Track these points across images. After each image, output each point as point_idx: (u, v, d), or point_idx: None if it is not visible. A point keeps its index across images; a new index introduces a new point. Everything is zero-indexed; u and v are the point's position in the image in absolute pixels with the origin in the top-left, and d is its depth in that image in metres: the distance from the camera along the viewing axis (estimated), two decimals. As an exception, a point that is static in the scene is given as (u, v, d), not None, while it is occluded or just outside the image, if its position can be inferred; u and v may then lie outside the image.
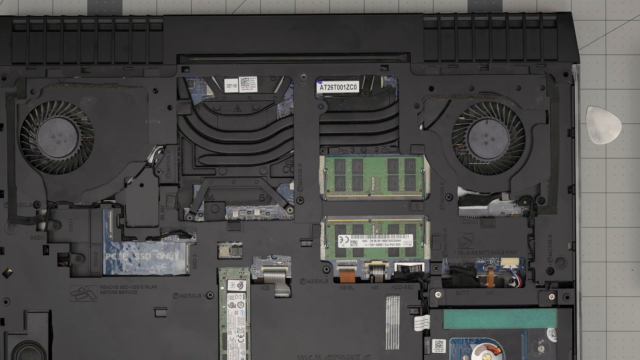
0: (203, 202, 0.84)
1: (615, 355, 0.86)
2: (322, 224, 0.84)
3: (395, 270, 0.85)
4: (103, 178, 0.83)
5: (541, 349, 0.84)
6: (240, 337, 0.84)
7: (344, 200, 0.84)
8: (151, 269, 0.84)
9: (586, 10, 0.87)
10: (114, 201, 0.84)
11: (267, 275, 0.84)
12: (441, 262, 0.84)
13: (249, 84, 0.84)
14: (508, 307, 0.84)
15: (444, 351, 0.83)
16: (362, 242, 0.84)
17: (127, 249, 0.84)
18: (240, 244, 0.84)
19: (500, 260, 0.85)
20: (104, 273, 0.84)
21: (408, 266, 0.85)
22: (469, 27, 0.84)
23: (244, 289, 0.84)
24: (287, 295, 0.84)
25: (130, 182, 0.84)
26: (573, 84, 0.83)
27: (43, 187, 0.83)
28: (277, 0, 0.87)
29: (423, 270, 0.85)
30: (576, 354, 0.83)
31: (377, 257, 0.84)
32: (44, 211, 0.83)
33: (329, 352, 0.83)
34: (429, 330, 0.84)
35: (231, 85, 0.84)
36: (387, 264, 0.85)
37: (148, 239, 0.84)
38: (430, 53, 0.84)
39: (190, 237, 0.84)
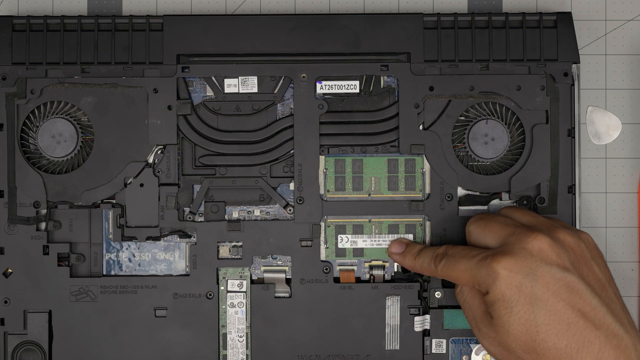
0: (203, 202, 0.84)
1: (615, 355, 0.86)
2: (322, 224, 0.84)
3: (395, 270, 0.85)
4: (103, 178, 0.83)
5: (541, 349, 0.84)
6: (240, 337, 0.84)
7: (344, 200, 0.84)
8: (151, 269, 0.84)
9: (586, 10, 0.87)
10: (114, 201, 0.84)
11: (267, 275, 0.84)
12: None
13: (249, 84, 0.84)
14: (508, 307, 0.84)
15: (444, 351, 0.84)
16: (362, 242, 0.84)
17: (127, 249, 0.84)
18: (240, 244, 0.84)
19: (500, 260, 0.85)
20: (104, 273, 0.84)
21: (408, 266, 0.85)
22: (469, 27, 0.84)
23: (244, 289, 0.84)
24: (287, 295, 0.84)
25: (130, 182, 0.84)
26: (573, 84, 0.83)
27: (43, 187, 0.83)
28: (277, 0, 0.87)
29: (423, 270, 0.85)
30: (576, 354, 0.83)
31: (377, 257, 0.84)
32: (44, 211, 0.83)
33: (329, 352, 0.83)
34: (429, 330, 0.84)
35: (231, 85, 0.84)
36: (387, 264, 0.85)
37: (148, 239, 0.84)
38: (430, 53, 0.84)
39: (190, 237, 0.84)
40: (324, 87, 0.84)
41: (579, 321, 0.72)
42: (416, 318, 0.83)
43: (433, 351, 0.83)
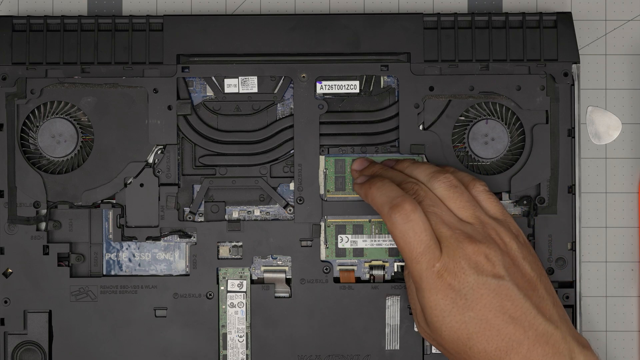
0: (203, 202, 0.84)
1: (616, 356, 0.86)
2: (322, 224, 0.84)
3: (395, 270, 0.85)
4: (103, 178, 0.83)
5: (541, 349, 0.83)
6: (240, 337, 0.84)
7: (344, 200, 0.84)
8: (151, 269, 0.84)
9: (586, 10, 0.87)
10: (114, 201, 0.84)
11: (267, 275, 0.84)
12: (441, 262, 0.84)
13: (249, 84, 0.84)
14: (508, 307, 0.84)
15: (444, 351, 0.84)
16: (362, 242, 0.84)
17: (127, 249, 0.84)
18: (240, 244, 0.84)
19: (500, 260, 0.85)
20: (104, 273, 0.84)
21: (408, 266, 0.85)
22: (469, 27, 0.84)
23: (244, 289, 0.84)
24: (287, 295, 0.84)
25: (130, 182, 0.84)
26: (573, 84, 0.83)
27: (43, 187, 0.83)
28: (277, 0, 0.87)
29: (423, 270, 0.85)
30: (576, 354, 0.83)
31: (377, 257, 0.84)
32: (44, 211, 0.83)
33: (329, 352, 0.83)
34: (429, 330, 0.84)
35: (231, 85, 0.84)
36: (387, 264, 0.85)
37: (148, 239, 0.84)
38: (430, 53, 0.84)
39: (190, 237, 0.84)
40: (324, 87, 0.84)
41: (508, 327, 0.73)
42: (416, 318, 0.83)
43: (433, 351, 0.83)
